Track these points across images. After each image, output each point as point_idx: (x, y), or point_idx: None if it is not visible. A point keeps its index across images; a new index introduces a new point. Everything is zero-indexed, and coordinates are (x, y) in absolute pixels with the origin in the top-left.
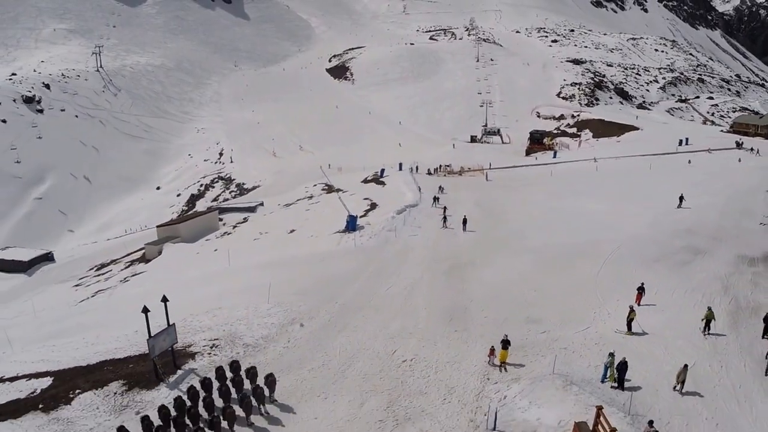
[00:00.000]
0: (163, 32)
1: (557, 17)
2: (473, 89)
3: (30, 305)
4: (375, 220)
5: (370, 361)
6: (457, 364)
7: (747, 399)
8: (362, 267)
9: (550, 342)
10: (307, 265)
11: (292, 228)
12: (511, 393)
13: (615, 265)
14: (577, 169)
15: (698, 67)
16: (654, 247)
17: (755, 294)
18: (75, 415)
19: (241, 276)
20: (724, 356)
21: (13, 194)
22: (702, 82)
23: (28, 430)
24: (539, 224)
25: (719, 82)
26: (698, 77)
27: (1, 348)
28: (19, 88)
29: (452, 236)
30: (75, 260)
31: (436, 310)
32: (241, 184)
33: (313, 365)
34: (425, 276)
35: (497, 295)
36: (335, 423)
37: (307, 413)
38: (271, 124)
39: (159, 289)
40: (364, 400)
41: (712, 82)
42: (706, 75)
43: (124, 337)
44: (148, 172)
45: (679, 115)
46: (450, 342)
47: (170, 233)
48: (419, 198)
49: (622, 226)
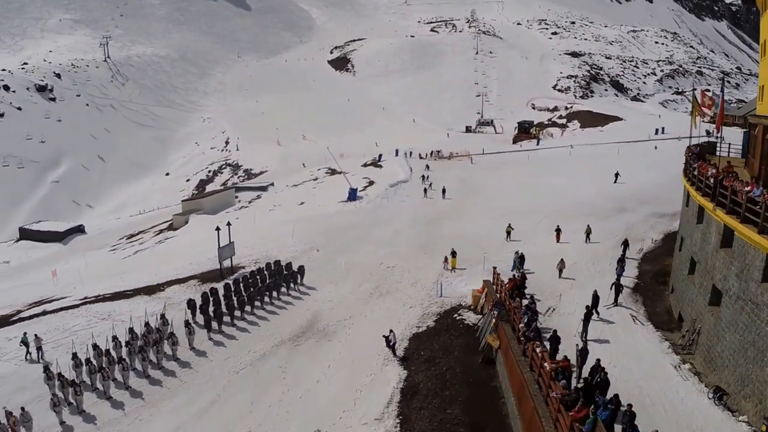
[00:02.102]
0: (166, 23)
1: (560, 8)
2: (471, 81)
3: (82, 261)
4: (372, 192)
5: (364, 268)
6: (423, 269)
7: (603, 276)
8: (361, 220)
9: (488, 257)
10: (318, 220)
11: (302, 201)
12: (454, 279)
13: (555, 218)
14: (554, 154)
15: (698, 60)
16: (589, 207)
17: (647, 232)
18: (169, 295)
19: (267, 229)
20: (596, 256)
21: (32, 177)
22: (701, 74)
23: (140, 303)
24: (506, 193)
25: (719, 74)
26: (697, 70)
27: (73, 285)
28: (31, 77)
29: (433, 202)
30: (104, 232)
31: (413, 244)
32: (248, 169)
33: (326, 270)
34: (408, 226)
35: (459, 235)
36: (341, 295)
37: (324, 292)
38: (275, 114)
39: (197, 242)
40: (359, 285)
41: (711, 74)
42: (706, 67)
43: (180, 267)
44: (157, 158)
45: (673, 107)
46: (420, 259)
47: (194, 206)
48: (410, 176)
49: (572, 195)
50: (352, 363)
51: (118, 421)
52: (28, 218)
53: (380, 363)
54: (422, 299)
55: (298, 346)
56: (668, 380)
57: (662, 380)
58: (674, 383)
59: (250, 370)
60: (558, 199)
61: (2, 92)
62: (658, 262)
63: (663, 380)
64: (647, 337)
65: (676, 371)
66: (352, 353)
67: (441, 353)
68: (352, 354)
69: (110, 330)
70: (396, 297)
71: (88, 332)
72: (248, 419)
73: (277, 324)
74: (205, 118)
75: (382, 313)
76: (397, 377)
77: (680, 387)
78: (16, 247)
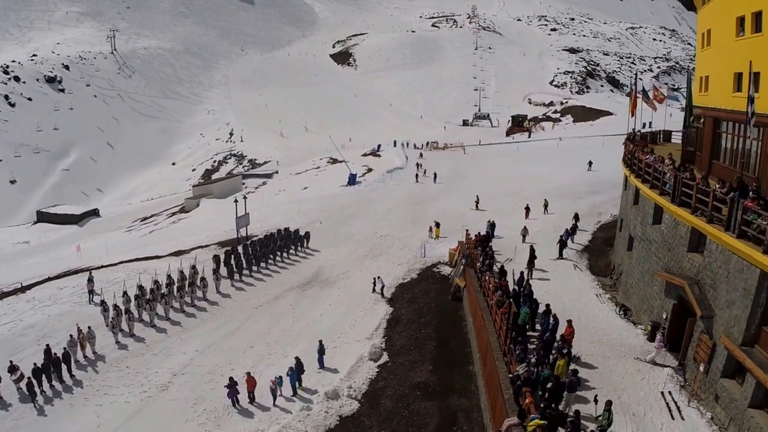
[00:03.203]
0: (171, 16)
1: (561, 4)
2: (470, 76)
3: (102, 240)
4: (370, 178)
5: (361, 236)
6: (411, 237)
7: (553, 238)
8: (359, 200)
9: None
10: (320, 200)
11: (305, 186)
12: (436, 245)
13: (532, 199)
14: (542, 145)
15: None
16: (565, 190)
17: (609, 209)
18: (193, 256)
19: (274, 207)
20: (558, 227)
21: (43, 165)
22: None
23: (171, 261)
24: (491, 179)
25: None
26: (693, 66)
27: (99, 257)
28: (41, 69)
29: (425, 186)
30: (118, 215)
31: (404, 218)
32: (253, 159)
33: (328, 238)
34: (400, 204)
35: (444, 212)
36: (340, 256)
37: (325, 253)
38: (278, 106)
39: (210, 220)
40: (356, 249)
41: None
42: None
43: (199, 239)
44: (164, 149)
45: (668, 103)
46: (409, 230)
47: (204, 191)
48: (405, 163)
49: (552, 180)
50: (348, 303)
51: (163, 341)
52: (41, 204)
53: (371, 303)
54: (409, 259)
55: (304, 291)
56: (588, 302)
57: (584, 302)
58: (593, 304)
59: (267, 307)
60: (538, 184)
61: (13, 83)
62: (611, 231)
63: (584, 302)
64: (582, 278)
65: (597, 299)
66: (348, 296)
67: (420, 295)
68: (349, 297)
69: (150, 279)
70: (387, 257)
71: (130, 282)
72: (266, 338)
73: (287, 276)
74: (210, 110)
75: (375, 269)
76: (385, 312)
77: (597, 307)
78: (34, 229)
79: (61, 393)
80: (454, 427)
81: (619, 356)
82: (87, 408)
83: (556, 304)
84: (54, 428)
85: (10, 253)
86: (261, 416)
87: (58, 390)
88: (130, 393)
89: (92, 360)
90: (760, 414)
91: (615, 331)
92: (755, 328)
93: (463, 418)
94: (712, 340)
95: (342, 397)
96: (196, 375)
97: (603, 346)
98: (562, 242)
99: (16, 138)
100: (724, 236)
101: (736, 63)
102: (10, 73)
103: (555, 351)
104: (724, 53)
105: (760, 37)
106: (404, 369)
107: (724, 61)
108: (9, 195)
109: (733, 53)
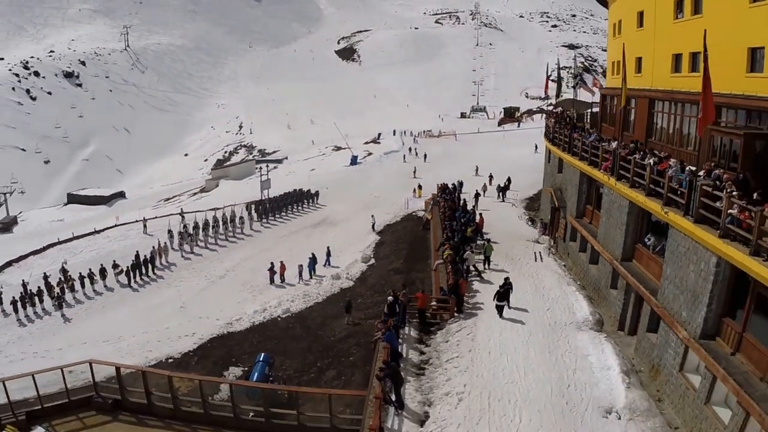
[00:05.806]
0: (181, 13)
1: (564, 0)
2: (470, 72)
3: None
4: (370, 159)
5: (359, 197)
6: (399, 197)
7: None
8: (359, 174)
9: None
10: (326, 176)
11: (313, 168)
12: (418, 201)
13: (504, 173)
14: (527, 133)
15: None
16: (528, 166)
17: None
18: (228, 209)
19: (286, 182)
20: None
21: (66, 155)
22: None
23: (211, 212)
24: (474, 158)
25: None
26: None
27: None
28: (59, 64)
29: (416, 163)
30: (142, 197)
31: (394, 186)
32: (262, 149)
33: (332, 198)
34: (393, 176)
35: (428, 181)
36: (342, 208)
37: (331, 207)
38: (285, 100)
39: (232, 194)
40: (355, 204)
41: None
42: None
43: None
44: (176, 140)
45: None
46: (398, 193)
47: (222, 174)
48: (401, 147)
49: (526, 160)
50: (348, 234)
51: (214, 256)
52: (66, 190)
53: (365, 234)
54: (395, 210)
55: (315, 228)
56: (510, 218)
57: (507, 219)
58: (514, 220)
59: (287, 238)
60: (509, 162)
61: (33, 78)
62: None
63: (507, 219)
64: (514, 210)
65: (518, 218)
66: (348, 232)
67: (401, 229)
68: (349, 232)
69: (202, 220)
70: (378, 209)
71: (181, 225)
72: (288, 254)
73: (301, 220)
74: (220, 104)
75: (368, 216)
76: (374, 238)
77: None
78: (66, 210)
79: (149, 282)
80: (413, 285)
81: (516, 239)
82: (170, 288)
83: (488, 219)
84: (147, 300)
85: (49, 230)
86: (289, 289)
87: (146, 280)
88: (199, 279)
89: (167, 265)
90: (595, 267)
91: (520, 229)
92: (582, 206)
93: (418, 281)
94: (564, 219)
95: (342, 278)
96: (244, 270)
97: (509, 235)
98: (501, 189)
99: (39, 129)
100: (568, 157)
101: (674, 45)
102: (30, 69)
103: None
104: (661, 36)
105: (701, 18)
106: (384, 264)
107: (661, 43)
108: (36, 181)
109: (672, 36)
